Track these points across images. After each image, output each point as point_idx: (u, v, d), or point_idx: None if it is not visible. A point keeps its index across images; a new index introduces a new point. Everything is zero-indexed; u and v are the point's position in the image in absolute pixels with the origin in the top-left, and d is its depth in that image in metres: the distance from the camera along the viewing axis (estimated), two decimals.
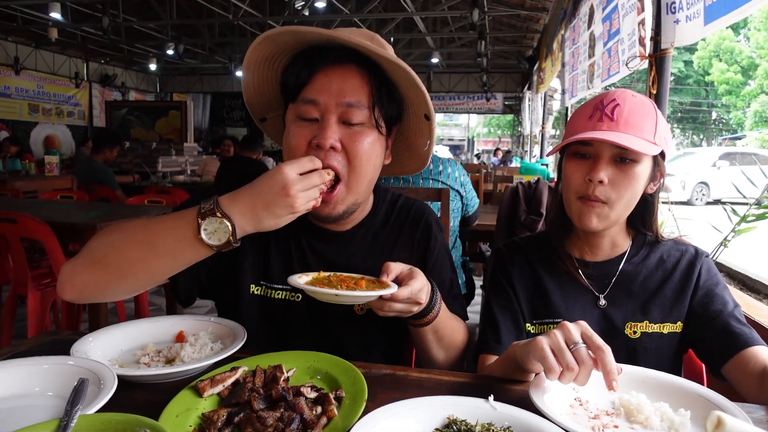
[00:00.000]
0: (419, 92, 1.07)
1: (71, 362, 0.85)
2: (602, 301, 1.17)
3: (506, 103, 19.20)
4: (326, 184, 0.97)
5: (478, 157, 24.13)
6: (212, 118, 20.24)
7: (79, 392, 0.74)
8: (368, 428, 0.71)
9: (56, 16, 9.34)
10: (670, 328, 1.15)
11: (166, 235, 0.93)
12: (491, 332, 1.17)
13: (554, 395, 0.85)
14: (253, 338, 1.06)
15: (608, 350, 0.81)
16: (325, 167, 0.99)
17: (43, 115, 14.95)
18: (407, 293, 0.95)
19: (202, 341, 1.00)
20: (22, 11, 11.29)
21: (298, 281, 0.95)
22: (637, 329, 1.14)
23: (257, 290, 1.18)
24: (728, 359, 1.05)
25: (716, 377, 1.11)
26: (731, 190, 2.63)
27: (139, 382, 0.90)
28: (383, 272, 0.98)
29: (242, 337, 1.01)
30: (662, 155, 1.12)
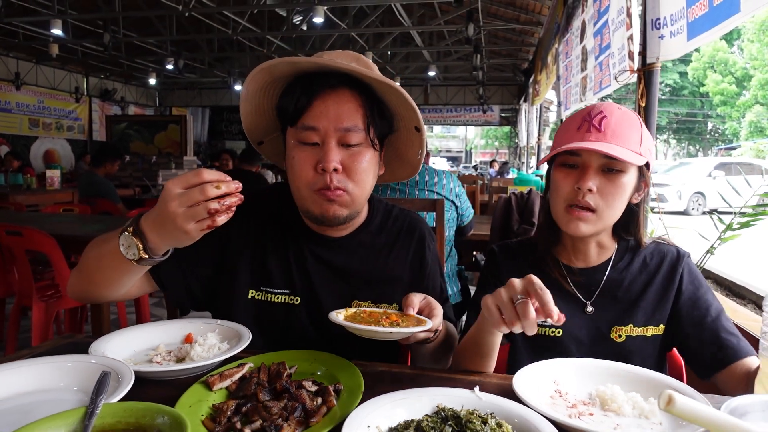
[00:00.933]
0: (409, 108, 1.15)
1: (93, 360, 0.93)
2: (589, 307, 1.23)
3: (503, 115, 19.39)
4: (220, 200, 0.89)
5: (475, 168, 24.31)
6: (211, 131, 20.39)
7: (102, 383, 0.81)
8: (363, 415, 0.79)
9: (57, 32, 9.46)
10: (653, 330, 1.20)
11: (106, 249, 1.02)
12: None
13: (536, 387, 0.92)
14: (255, 340, 1.13)
15: (548, 294, 0.88)
16: (327, 188, 1.11)
17: (43, 129, 15.08)
18: (436, 325, 1.04)
19: (210, 342, 1.07)
20: (23, 27, 11.45)
21: (337, 318, 0.99)
22: (622, 333, 1.20)
23: (258, 295, 1.24)
24: (719, 371, 1.12)
25: (703, 380, 1.17)
26: (729, 200, 2.72)
27: (152, 378, 0.97)
28: (407, 305, 1.05)
29: (248, 337, 1.08)
30: (647, 166, 1.18)
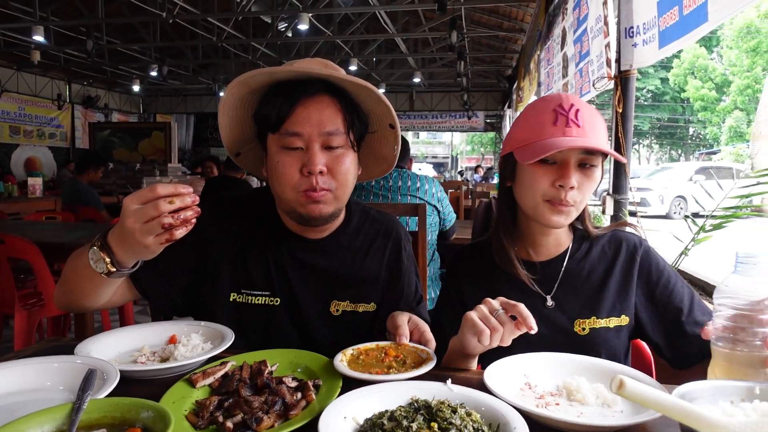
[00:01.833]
0: (383, 105, 1.22)
1: (78, 360, 0.96)
2: (549, 302, 1.24)
3: (487, 120, 19.57)
4: (175, 214, 0.92)
5: (461, 174, 24.49)
6: (196, 138, 20.31)
7: (88, 380, 0.84)
8: (341, 407, 0.83)
9: (39, 39, 9.39)
10: (615, 322, 1.21)
11: (81, 262, 1.06)
12: (438, 334, 1.21)
13: (506, 380, 0.97)
14: (237, 342, 1.16)
15: (522, 305, 0.98)
16: (314, 188, 1.16)
17: (24, 137, 14.89)
18: (432, 348, 1.12)
19: (193, 342, 1.10)
20: (4, 34, 11.34)
21: (343, 369, 0.98)
22: (585, 326, 1.21)
23: (239, 298, 1.28)
24: (697, 363, 1.15)
25: (679, 371, 1.20)
26: (708, 203, 2.80)
27: (137, 377, 1.00)
28: (399, 335, 1.12)
29: (230, 337, 1.11)
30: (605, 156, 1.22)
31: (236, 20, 10.88)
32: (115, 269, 1.00)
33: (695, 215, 2.96)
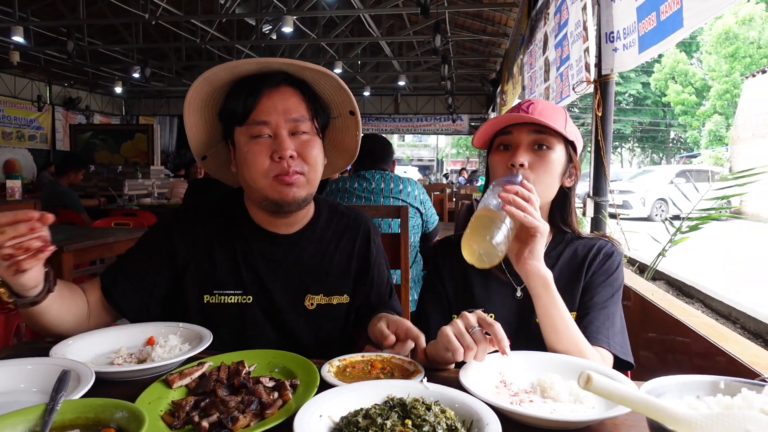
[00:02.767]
0: (343, 92, 1.29)
1: (53, 362, 0.95)
2: (519, 292, 1.29)
3: (472, 124, 19.68)
4: (16, 246, 0.90)
5: (446, 177, 24.59)
6: (179, 140, 20.13)
7: (62, 381, 0.84)
8: (317, 405, 0.83)
9: (19, 39, 9.26)
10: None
11: None
12: (422, 325, 1.29)
13: (481, 378, 0.98)
14: (214, 341, 1.16)
15: (498, 326, 0.99)
16: (289, 173, 1.19)
17: (3, 139, 14.65)
18: (422, 345, 1.13)
19: (171, 343, 1.10)
20: None
21: (331, 378, 0.98)
22: None
23: (212, 299, 1.29)
24: None
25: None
26: (685, 205, 2.86)
27: (113, 378, 0.99)
28: (385, 338, 1.14)
29: (208, 338, 1.11)
30: (574, 149, 1.28)
31: (220, 22, 10.84)
32: (13, 299, 1.00)
33: (675, 217, 3.02)
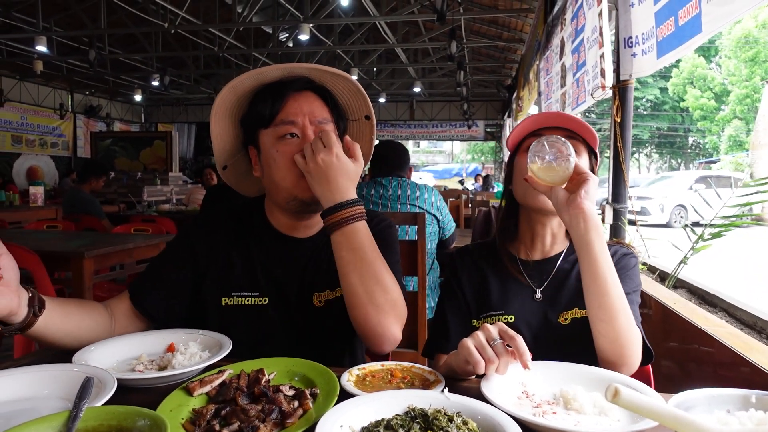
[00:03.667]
0: (361, 97, 1.33)
1: (76, 369, 0.96)
2: (538, 294, 1.30)
3: (488, 130, 19.64)
4: None
5: (461, 182, 24.52)
6: (197, 147, 20.39)
7: (85, 388, 0.84)
8: (337, 415, 0.83)
9: (42, 49, 9.47)
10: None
11: None
12: (442, 331, 1.31)
13: (503, 389, 0.97)
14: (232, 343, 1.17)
15: (520, 339, 0.98)
16: None
17: (26, 146, 14.96)
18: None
19: (191, 350, 1.11)
20: (7, 44, 11.43)
21: (350, 387, 0.97)
22: (568, 316, 1.26)
23: (229, 301, 1.31)
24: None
25: None
26: (707, 212, 2.81)
27: (135, 386, 1.00)
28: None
29: (228, 345, 1.11)
30: (596, 161, 1.30)
31: (237, 30, 10.96)
32: (1, 327, 1.01)
33: (695, 224, 2.96)
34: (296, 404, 0.89)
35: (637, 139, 32.88)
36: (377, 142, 1.65)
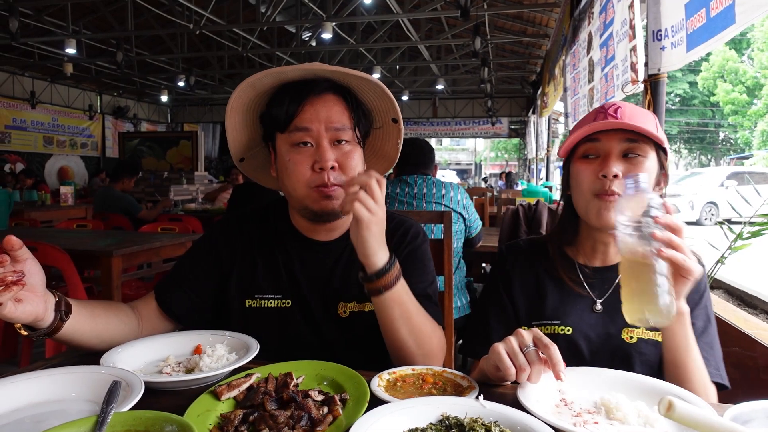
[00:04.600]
0: (387, 99, 1.25)
1: (103, 371, 0.95)
2: (599, 306, 1.20)
3: (512, 127, 19.41)
4: None
5: (485, 180, 24.31)
6: (222, 147, 20.59)
7: (113, 393, 0.83)
8: (368, 424, 0.80)
9: (72, 51, 9.66)
10: (659, 336, 1.15)
11: None
12: (482, 336, 1.25)
13: (540, 396, 0.93)
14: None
15: (554, 347, 0.92)
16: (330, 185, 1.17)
17: (57, 147, 15.32)
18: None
19: (218, 353, 1.09)
20: (38, 47, 11.70)
21: (381, 393, 0.94)
22: (633, 335, 1.17)
23: (253, 303, 1.30)
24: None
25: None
26: (740, 209, 2.70)
27: (162, 388, 0.99)
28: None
29: (255, 348, 1.09)
30: (665, 155, 1.19)
31: (261, 30, 11.03)
32: (26, 333, 1.00)
33: (727, 221, 2.85)
34: (326, 410, 0.87)
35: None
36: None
